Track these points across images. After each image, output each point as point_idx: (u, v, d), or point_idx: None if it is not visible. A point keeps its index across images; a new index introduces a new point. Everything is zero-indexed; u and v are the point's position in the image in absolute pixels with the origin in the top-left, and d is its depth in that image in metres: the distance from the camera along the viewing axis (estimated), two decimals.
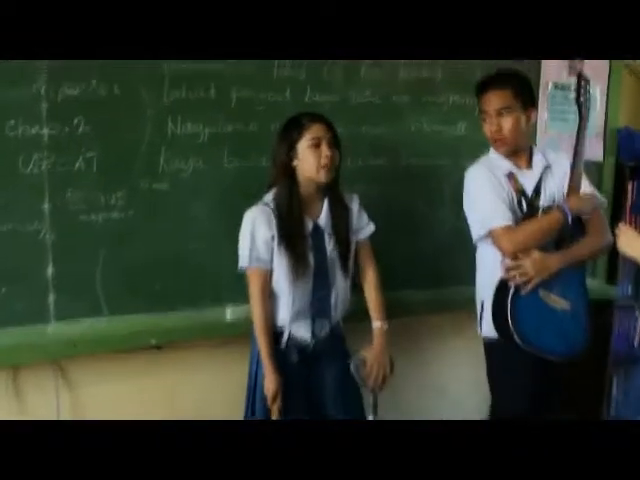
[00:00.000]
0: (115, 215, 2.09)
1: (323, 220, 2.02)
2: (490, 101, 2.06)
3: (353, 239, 2.09)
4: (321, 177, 1.95)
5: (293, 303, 2.01)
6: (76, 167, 2.02)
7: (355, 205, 2.10)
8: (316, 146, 1.92)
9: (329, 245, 2.03)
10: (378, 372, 2.07)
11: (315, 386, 2.08)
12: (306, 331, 2.04)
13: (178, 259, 2.20)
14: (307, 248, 1.99)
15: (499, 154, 2.12)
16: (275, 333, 2.02)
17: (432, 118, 2.55)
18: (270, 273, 2.00)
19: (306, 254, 1.98)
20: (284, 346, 2.03)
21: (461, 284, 2.41)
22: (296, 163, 1.96)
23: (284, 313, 2.02)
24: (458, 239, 2.36)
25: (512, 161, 2.12)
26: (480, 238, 2.11)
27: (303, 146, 1.94)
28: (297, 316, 2.02)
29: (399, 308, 2.37)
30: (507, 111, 2.04)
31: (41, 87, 1.94)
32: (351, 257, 2.09)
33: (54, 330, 2.06)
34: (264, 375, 1.97)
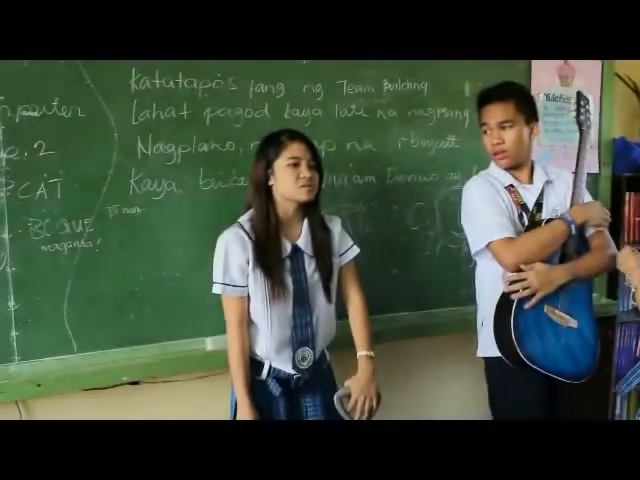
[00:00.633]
0: (82, 244, 2.01)
1: (303, 241, 1.91)
2: (492, 113, 2.00)
3: (336, 262, 1.98)
4: (300, 195, 1.85)
5: (272, 332, 1.88)
6: (38, 193, 1.95)
7: (337, 227, 2.00)
8: (295, 165, 1.83)
9: (309, 268, 1.91)
10: (364, 404, 1.93)
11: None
12: (287, 362, 1.91)
13: (152, 288, 2.12)
14: (285, 271, 1.88)
15: (499, 168, 2.06)
16: (256, 362, 1.91)
17: (419, 133, 2.49)
18: (248, 300, 1.88)
19: (283, 277, 1.87)
20: (264, 378, 1.91)
21: (453, 305, 2.36)
22: (273, 182, 1.86)
23: (263, 343, 1.90)
24: (450, 258, 2.33)
25: (513, 175, 2.06)
26: (479, 252, 2.02)
27: (281, 165, 1.84)
28: (277, 346, 1.90)
29: (388, 331, 2.29)
30: (509, 124, 1.98)
31: None
32: (334, 280, 1.98)
33: (17, 369, 1.96)
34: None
